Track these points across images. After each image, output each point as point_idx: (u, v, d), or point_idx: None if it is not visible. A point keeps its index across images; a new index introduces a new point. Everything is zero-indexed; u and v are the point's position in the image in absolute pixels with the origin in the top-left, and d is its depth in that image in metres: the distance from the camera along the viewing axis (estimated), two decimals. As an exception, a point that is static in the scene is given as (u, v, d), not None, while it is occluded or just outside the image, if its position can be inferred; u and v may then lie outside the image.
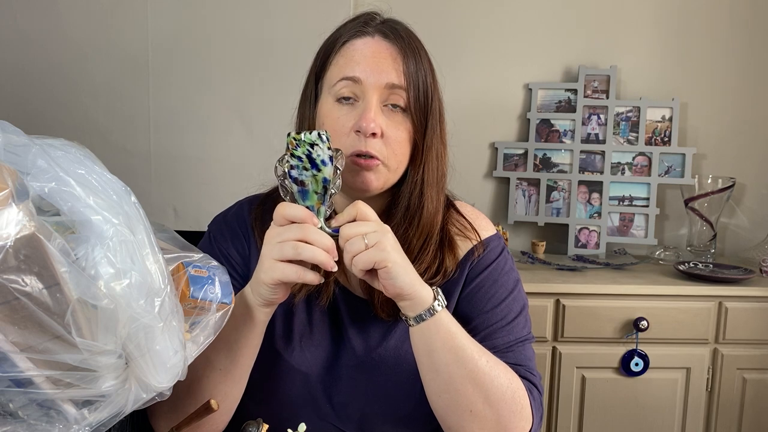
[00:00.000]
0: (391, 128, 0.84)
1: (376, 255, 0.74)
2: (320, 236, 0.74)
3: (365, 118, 0.81)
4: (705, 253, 2.03)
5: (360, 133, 0.82)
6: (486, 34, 2.15)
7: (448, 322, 0.80)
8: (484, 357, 0.82)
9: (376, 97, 0.83)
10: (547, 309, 1.75)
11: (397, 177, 0.88)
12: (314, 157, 0.74)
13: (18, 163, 0.54)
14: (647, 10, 2.14)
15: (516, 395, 0.83)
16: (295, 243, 0.73)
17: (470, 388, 0.80)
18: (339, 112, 0.85)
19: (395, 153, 0.85)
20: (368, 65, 0.84)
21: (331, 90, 0.86)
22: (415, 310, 0.79)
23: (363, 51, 0.85)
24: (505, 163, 2.16)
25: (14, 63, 1.78)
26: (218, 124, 1.84)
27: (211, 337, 0.69)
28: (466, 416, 0.81)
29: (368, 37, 0.86)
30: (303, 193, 0.76)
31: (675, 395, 1.78)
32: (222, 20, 1.81)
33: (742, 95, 2.17)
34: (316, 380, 0.90)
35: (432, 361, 0.81)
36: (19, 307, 0.49)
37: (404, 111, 0.85)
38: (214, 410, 0.72)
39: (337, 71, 0.86)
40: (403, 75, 0.84)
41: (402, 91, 0.84)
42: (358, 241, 0.74)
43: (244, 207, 0.98)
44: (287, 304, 0.91)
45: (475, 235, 0.95)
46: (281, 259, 0.73)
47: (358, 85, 0.84)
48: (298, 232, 0.73)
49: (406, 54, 0.85)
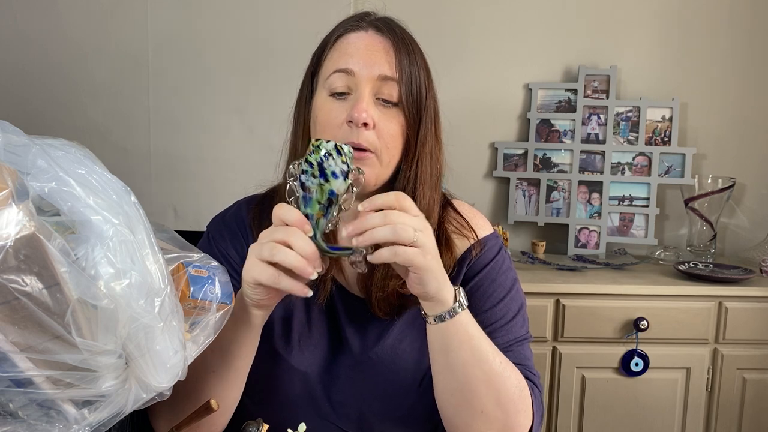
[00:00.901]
0: (383, 121, 0.84)
1: (417, 258, 0.71)
2: (304, 243, 0.70)
3: (357, 108, 0.81)
4: (705, 253, 2.03)
5: (352, 123, 0.82)
6: (486, 34, 2.15)
7: (467, 322, 0.80)
8: (498, 358, 0.82)
9: (368, 89, 0.83)
10: (547, 309, 1.75)
11: (390, 172, 0.87)
12: (325, 166, 0.73)
13: (18, 163, 0.54)
14: (647, 10, 2.14)
15: (523, 395, 0.84)
16: (273, 244, 0.70)
17: (484, 388, 0.80)
18: (332, 104, 0.85)
19: (388, 146, 0.84)
20: (361, 57, 0.84)
21: (325, 83, 0.86)
22: (435, 311, 0.78)
23: (356, 44, 0.85)
24: (505, 163, 2.16)
25: (14, 63, 1.78)
26: (218, 124, 1.84)
27: (211, 337, 0.69)
28: (477, 416, 0.81)
29: (362, 31, 0.87)
30: (306, 199, 0.74)
31: (675, 395, 1.78)
32: (221, 20, 1.81)
33: (742, 95, 2.17)
34: (315, 380, 0.90)
35: (448, 360, 0.80)
36: (19, 307, 0.49)
37: (396, 106, 0.85)
38: (214, 410, 0.72)
39: (330, 65, 0.86)
40: (395, 68, 0.84)
41: (394, 84, 0.84)
42: (407, 230, 0.70)
43: (242, 207, 0.98)
44: (286, 305, 0.91)
45: (472, 233, 0.95)
46: (260, 258, 0.71)
47: (351, 78, 0.84)
48: (281, 235, 0.71)
49: (399, 48, 0.85)
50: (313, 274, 0.70)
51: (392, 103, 0.85)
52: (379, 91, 0.84)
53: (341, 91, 0.84)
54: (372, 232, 0.70)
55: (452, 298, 0.78)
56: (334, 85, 0.84)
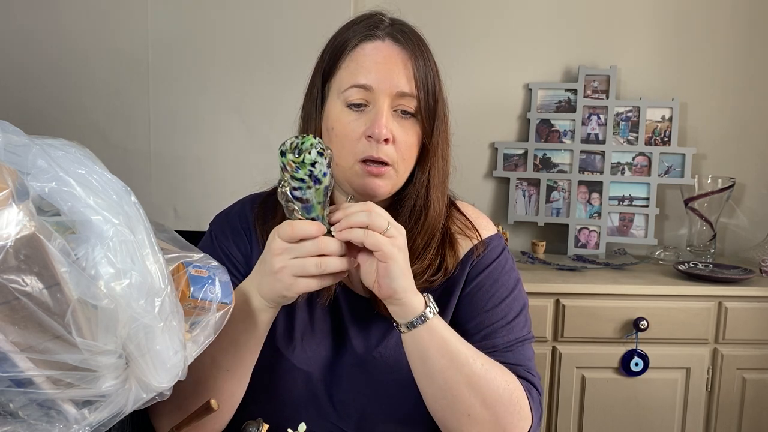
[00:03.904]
0: (401, 133, 0.85)
1: (386, 246, 0.74)
2: (335, 246, 0.74)
3: (378, 125, 0.82)
4: (705, 253, 2.03)
5: (372, 138, 0.83)
6: (486, 34, 2.15)
7: (441, 328, 0.80)
8: (479, 360, 0.82)
9: (387, 103, 0.84)
10: (547, 309, 1.75)
11: (404, 181, 0.89)
12: (316, 173, 0.74)
13: (18, 163, 0.54)
14: (647, 10, 2.14)
15: (513, 396, 0.83)
16: (316, 260, 0.73)
17: (466, 392, 0.80)
18: (349, 117, 0.85)
19: (404, 158, 0.86)
20: (380, 72, 0.84)
21: (341, 95, 0.86)
22: (405, 317, 0.79)
23: (374, 57, 0.85)
24: (505, 163, 2.16)
25: (14, 63, 1.78)
26: (218, 124, 1.84)
27: (211, 337, 0.69)
28: (464, 420, 0.81)
29: (378, 41, 0.86)
30: (307, 208, 0.75)
31: (675, 395, 1.78)
32: (222, 20, 1.82)
33: (742, 95, 2.17)
34: (317, 379, 0.90)
35: (426, 367, 0.81)
36: (19, 307, 0.49)
37: (414, 116, 0.86)
38: (214, 410, 0.72)
39: (348, 77, 0.85)
40: (414, 80, 0.85)
41: (412, 99, 0.85)
42: (381, 220, 0.74)
43: (246, 205, 0.98)
44: (289, 304, 0.91)
45: (475, 234, 0.95)
46: (303, 275, 0.74)
47: (369, 92, 0.84)
48: (314, 248, 0.73)
49: (416, 57, 0.85)
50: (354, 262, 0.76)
51: (410, 113, 0.86)
52: (397, 103, 0.85)
53: (358, 102, 0.84)
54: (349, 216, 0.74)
55: (422, 305, 0.79)
56: (352, 98, 0.84)
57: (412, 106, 0.85)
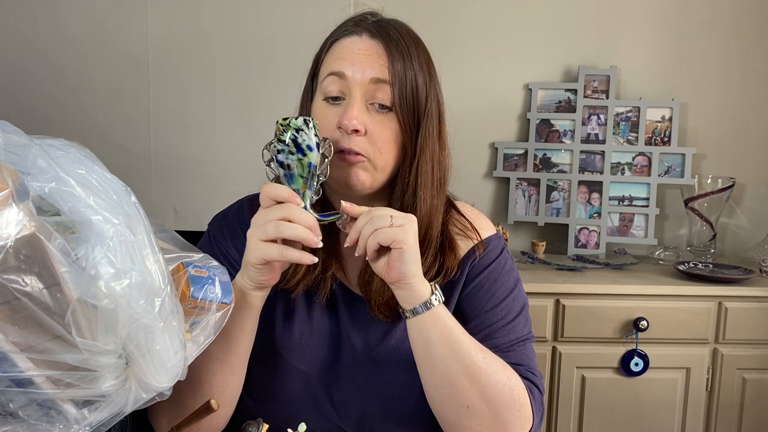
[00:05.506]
0: (375, 126, 0.84)
1: (398, 234, 0.76)
2: (302, 215, 0.75)
3: (347, 116, 0.83)
4: (705, 253, 2.03)
5: (342, 129, 0.83)
6: (486, 34, 2.15)
7: (444, 316, 0.81)
8: (481, 353, 0.82)
9: (360, 94, 0.84)
10: (547, 309, 1.75)
11: (386, 176, 0.88)
12: (300, 142, 0.77)
13: (18, 163, 0.54)
14: (647, 10, 2.14)
15: (514, 393, 0.83)
16: (276, 222, 0.75)
17: (467, 383, 0.81)
18: (327, 110, 0.86)
19: (381, 152, 0.85)
20: (354, 62, 0.84)
21: (320, 87, 0.87)
22: (411, 302, 0.80)
23: (350, 48, 0.86)
24: (505, 163, 2.16)
25: (14, 63, 1.78)
26: (218, 124, 1.84)
27: (212, 337, 0.69)
28: (463, 411, 0.82)
29: (356, 36, 0.87)
30: (289, 176, 0.79)
31: (675, 395, 1.78)
32: (222, 20, 1.82)
33: (742, 95, 2.17)
34: (316, 379, 0.90)
35: (429, 354, 0.81)
36: (19, 307, 0.49)
37: (391, 110, 0.85)
38: (214, 410, 0.72)
39: (324, 68, 0.88)
40: (387, 72, 0.84)
41: (387, 87, 0.84)
42: (384, 218, 0.77)
43: (244, 206, 0.98)
44: (288, 303, 0.91)
45: (475, 234, 0.95)
46: (265, 239, 0.75)
47: (344, 81, 0.84)
48: (281, 212, 0.75)
49: (392, 52, 0.85)
50: (319, 242, 0.76)
51: (387, 107, 0.85)
52: (372, 95, 0.84)
53: (335, 95, 0.85)
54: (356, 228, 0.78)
55: (428, 292, 0.81)
56: (328, 89, 0.86)
57: (387, 97, 0.84)
